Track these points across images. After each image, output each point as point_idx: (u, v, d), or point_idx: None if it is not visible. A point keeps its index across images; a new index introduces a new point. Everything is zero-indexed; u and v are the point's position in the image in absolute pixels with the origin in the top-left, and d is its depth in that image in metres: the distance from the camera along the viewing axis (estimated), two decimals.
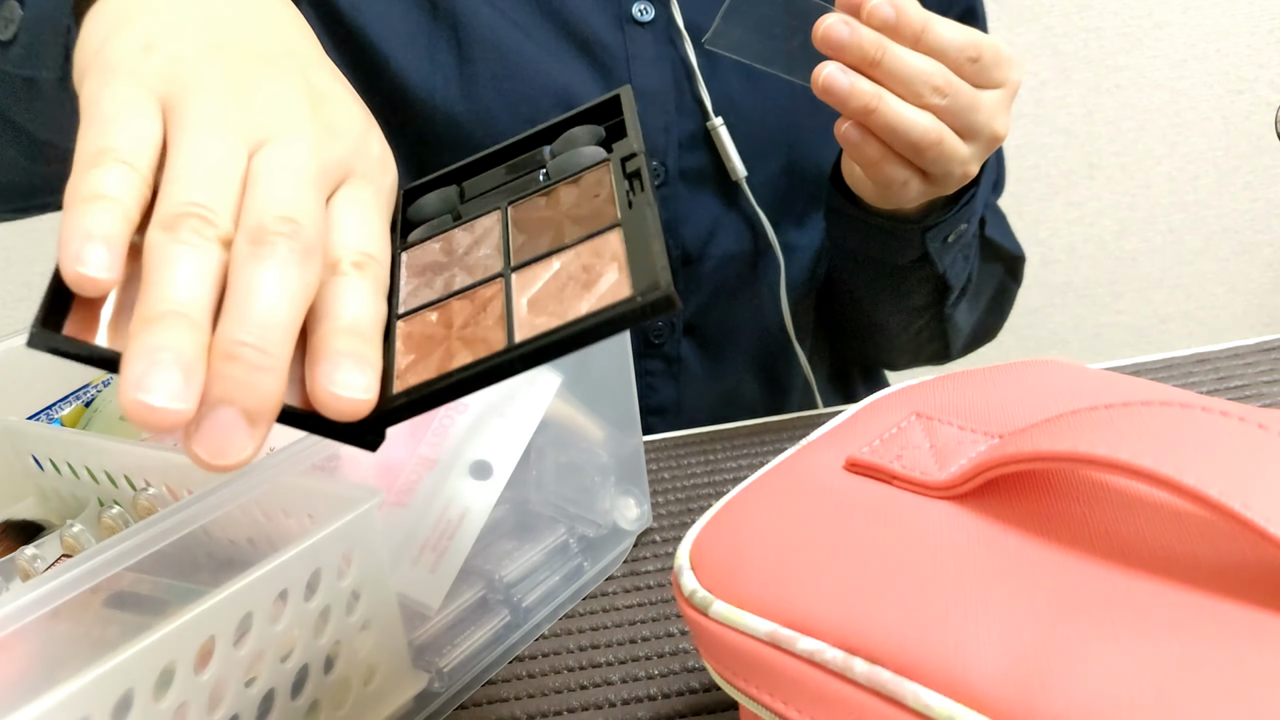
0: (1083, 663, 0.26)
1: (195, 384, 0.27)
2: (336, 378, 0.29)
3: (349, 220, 0.33)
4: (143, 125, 0.31)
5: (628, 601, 0.52)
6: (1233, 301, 1.61)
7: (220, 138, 0.31)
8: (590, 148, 0.38)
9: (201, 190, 0.29)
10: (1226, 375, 0.66)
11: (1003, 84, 0.57)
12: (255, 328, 0.28)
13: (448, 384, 0.32)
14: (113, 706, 0.33)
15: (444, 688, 0.46)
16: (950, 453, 0.35)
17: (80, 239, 0.28)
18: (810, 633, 0.30)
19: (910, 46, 0.54)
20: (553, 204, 0.37)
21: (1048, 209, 1.53)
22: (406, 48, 0.69)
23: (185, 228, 0.28)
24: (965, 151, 0.57)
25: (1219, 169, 1.53)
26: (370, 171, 0.35)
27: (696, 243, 0.74)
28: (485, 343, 0.33)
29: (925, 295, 0.74)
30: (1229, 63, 1.47)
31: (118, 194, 0.29)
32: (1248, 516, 0.26)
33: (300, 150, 0.32)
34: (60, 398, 0.58)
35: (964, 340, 0.83)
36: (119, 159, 0.29)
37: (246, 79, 0.33)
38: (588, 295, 0.32)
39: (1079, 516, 0.31)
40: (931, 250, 0.68)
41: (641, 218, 0.34)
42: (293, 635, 0.39)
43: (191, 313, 0.28)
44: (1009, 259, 0.80)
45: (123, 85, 0.31)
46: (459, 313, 0.34)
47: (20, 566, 0.43)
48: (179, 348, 0.27)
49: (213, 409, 0.27)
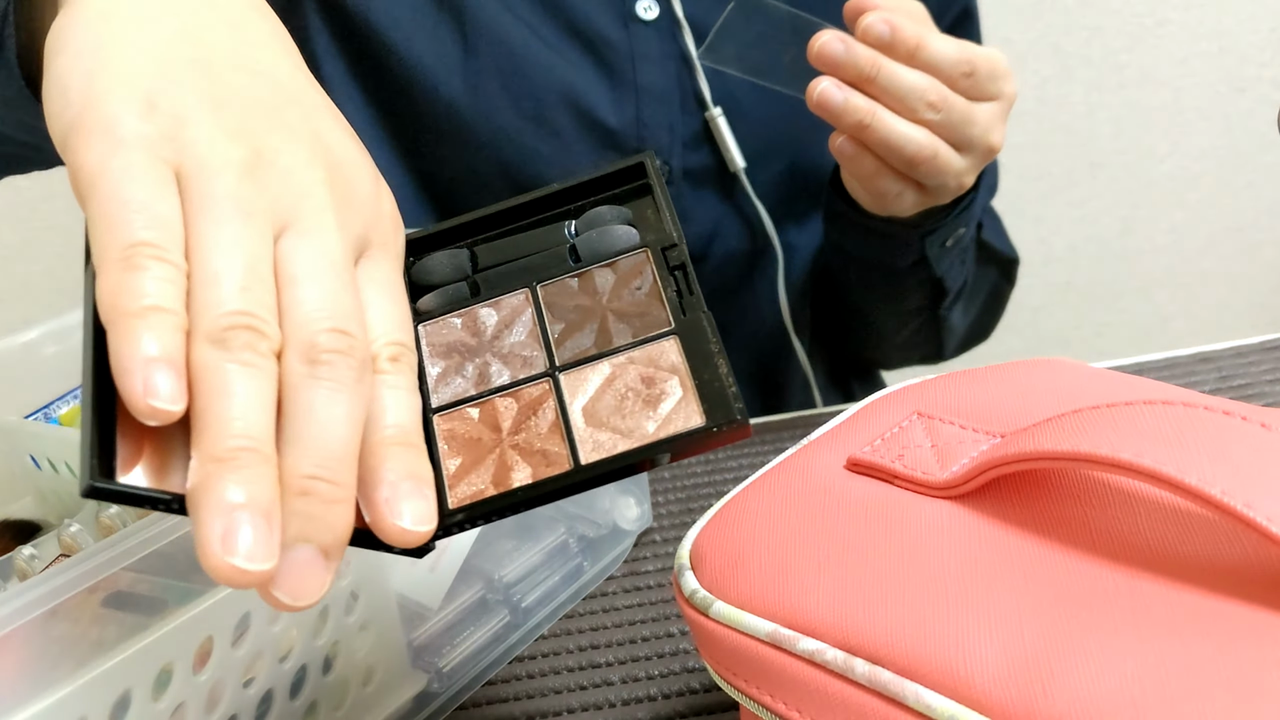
0: (1084, 662, 0.26)
1: (277, 531, 0.26)
2: (401, 509, 0.28)
3: (376, 303, 0.31)
4: (166, 208, 0.28)
5: (628, 602, 0.52)
6: (1235, 300, 1.60)
7: (247, 224, 0.29)
8: (622, 228, 0.37)
9: (244, 295, 0.27)
10: (1229, 374, 0.66)
11: (998, 96, 0.58)
12: (324, 459, 0.27)
13: (511, 503, 0.31)
14: (110, 707, 0.33)
15: (443, 688, 0.46)
16: (952, 452, 0.35)
17: (144, 365, 0.26)
18: (811, 633, 0.30)
19: (905, 63, 0.55)
20: (588, 290, 0.36)
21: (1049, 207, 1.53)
22: (411, 38, 0.68)
23: (238, 343, 0.27)
24: (960, 164, 0.58)
25: (1221, 167, 1.52)
26: (386, 238, 0.33)
27: (699, 242, 0.74)
28: (544, 457, 0.32)
29: (921, 298, 0.74)
30: (1231, 61, 1.46)
31: (167, 302, 0.27)
32: (1250, 516, 0.26)
33: (328, 236, 0.30)
34: (58, 396, 0.58)
35: (957, 341, 0.84)
36: (156, 256, 0.27)
37: (260, 145, 0.31)
38: (652, 414, 0.32)
39: (1081, 516, 0.31)
40: (929, 255, 0.68)
41: (698, 328, 0.33)
42: (291, 635, 0.39)
43: (262, 446, 0.26)
44: (1003, 262, 0.81)
45: (134, 158, 0.29)
46: (505, 414, 0.33)
47: (18, 566, 0.43)
48: (258, 496, 0.26)
49: (290, 549, 0.26)
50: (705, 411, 0.31)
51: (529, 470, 0.32)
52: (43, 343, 0.57)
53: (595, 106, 0.69)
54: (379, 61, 0.69)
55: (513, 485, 0.31)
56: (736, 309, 0.77)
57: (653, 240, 0.36)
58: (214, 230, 0.28)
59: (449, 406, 0.34)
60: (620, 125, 0.69)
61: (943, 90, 0.55)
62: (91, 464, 0.26)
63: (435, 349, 0.35)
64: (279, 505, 0.26)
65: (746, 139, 0.71)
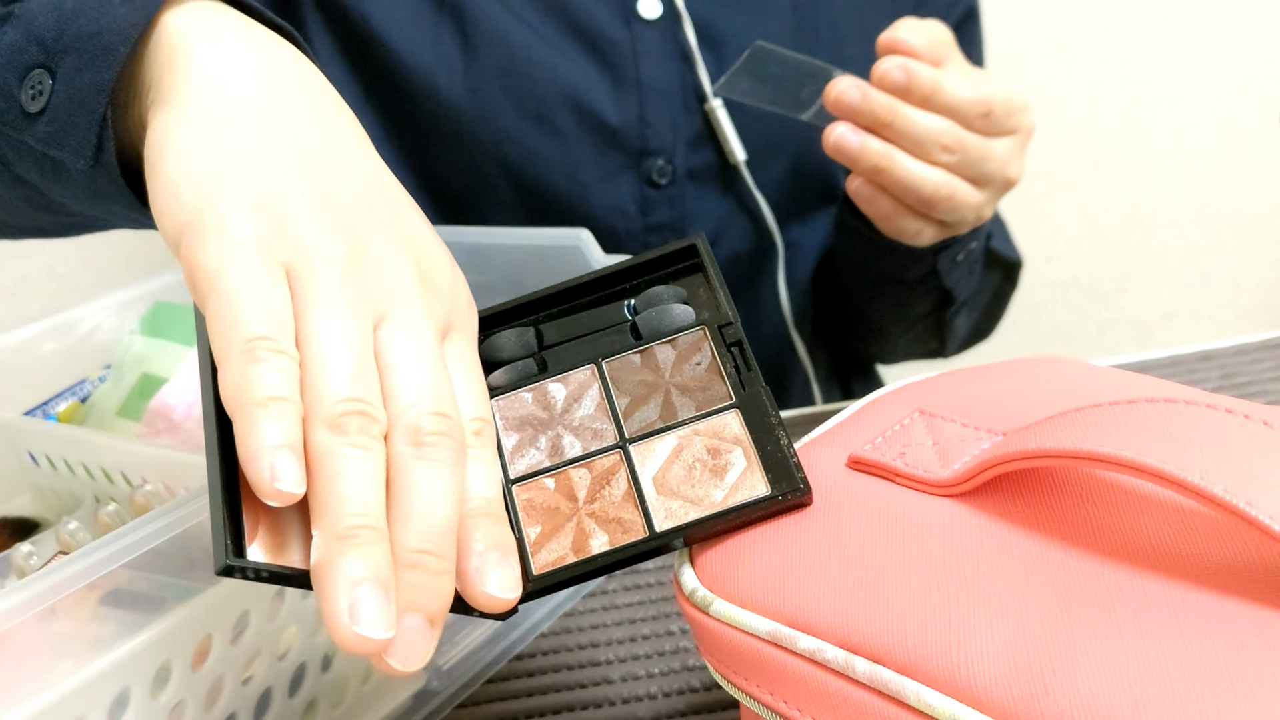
0: (1086, 661, 0.26)
1: (393, 602, 0.28)
2: (489, 577, 0.31)
3: (460, 382, 0.33)
4: (279, 304, 0.31)
5: (628, 600, 0.52)
6: (1238, 298, 1.60)
7: (352, 316, 0.31)
8: (680, 307, 0.39)
9: (355, 383, 0.30)
10: (1232, 372, 0.66)
11: (1015, 131, 0.59)
12: (431, 534, 0.29)
13: (591, 569, 0.34)
14: (109, 704, 0.33)
15: (443, 686, 0.46)
16: (953, 450, 0.35)
17: (270, 452, 0.28)
18: (811, 631, 0.30)
19: (921, 107, 0.55)
20: (650, 365, 0.38)
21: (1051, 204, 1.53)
22: (410, 40, 0.68)
23: (353, 428, 0.29)
24: (978, 199, 0.59)
25: (1225, 164, 1.52)
26: (464, 320, 0.36)
27: None
28: (620, 524, 0.35)
29: (928, 304, 0.74)
30: (1235, 57, 1.46)
31: (287, 392, 0.29)
32: (1252, 514, 0.26)
33: (421, 325, 0.32)
34: (56, 394, 0.58)
35: (960, 341, 0.84)
36: (274, 349, 0.30)
37: (358, 242, 0.33)
38: (719, 483, 0.35)
39: (1083, 514, 0.31)
40: (940, 269, 0.69)
41: (758, 401, 0.36)
42: (290, 633, 0.39)
43: (378, 523, 0.28)
44: (1007, 265, 0.82)
45: (249, 258, 0.31)
46: (580, 484, 0.36)
47: (16, 564, 0.43)
48: (378, 570, 0.28)
49: (402, 618, 0.28)
50: (770, 481, 0.34)
51: (606, 537, 0.34)
52: (41, 340, 0.57)
53: (598, 106, 0.69)
54: (380, 64, 0.69)
55: (592, 552, 0.34)
56: (742, 305, 0.77)
57: (708, 318, 0.39)
58: (324, 323, 0.31)
59: (526, 477, 0.37)
60: (623, 124, 0.69)
61: (958, 132, 0.56)
62: (225, 544, 0.29)
63: (509, 422, 0.38)
64: (393, 578, 0.28)
65: (749, 136, 0.71)
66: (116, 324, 0.60)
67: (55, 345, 0.58)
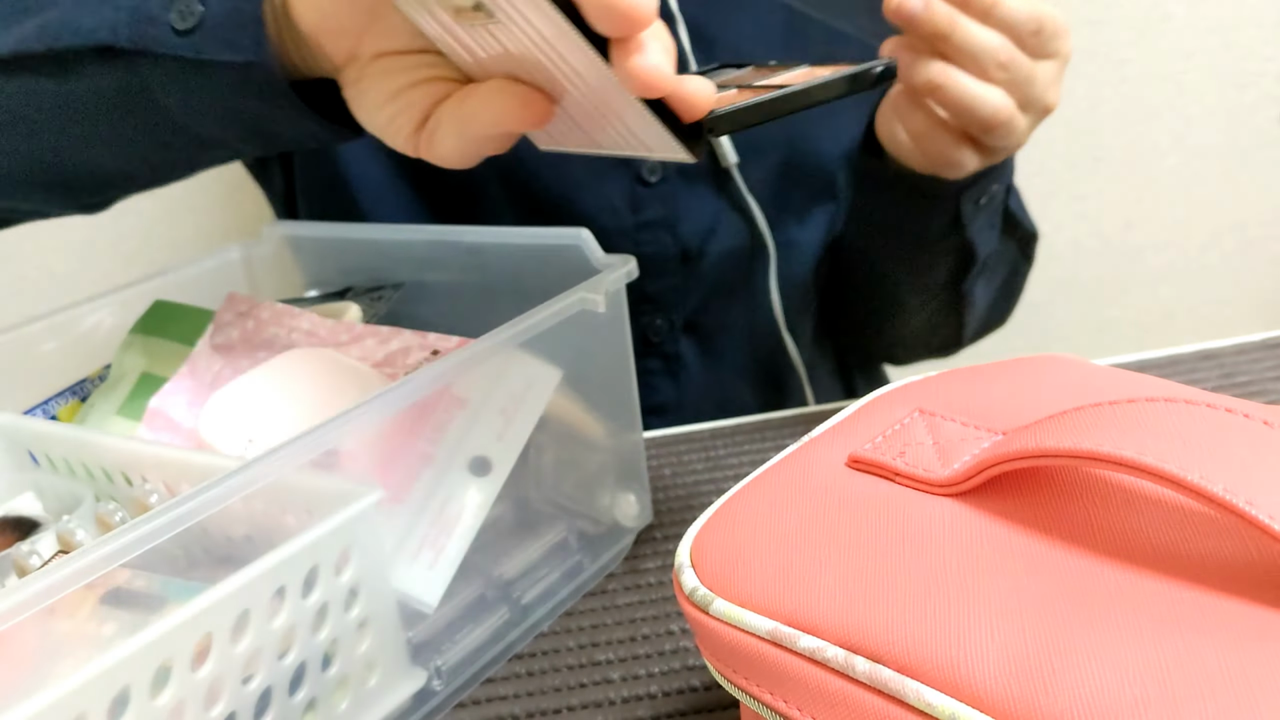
0: (1085, 660, 0.26)
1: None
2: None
3: None
4: None
5: (628, 599, 0.52)
6: (1238, 297, 1.60)
7: None
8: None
9: None
10: (1232, 371, 0.66)
11: (1056, 55, 0.57)
12: None
13: (755, 102, 0.40)
14: (109, 704, 0.33)
15: (443, 685, 0.46)
16: (953, 449, 0.35)
17: None
18: (811, 631, 0.30)
19: (980, 20, 0.54)
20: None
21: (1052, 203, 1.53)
22: None
23: None
24: (1024, 124, 0.57)
25: (1225, 163, 1.52)
26: None
27: (695, 240, 0.73)
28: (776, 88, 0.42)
29: (948, 269, 0.73)
30: (1235, 56, 1.46)
31: None
32: (1252, 514, 0.26)
33: None
34: (56, 393, 0.58)
35: (978, 322, 0.82)
36: None
37: None
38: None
39: (1082, 513, 0.31)
40: (964, 213, 0.67)
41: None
42: (290, 632, 0.39)
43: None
44: (1024, 235, 0.80)
45: None
46: (752, 78, 0.46)
47: (16, 563, 0.43)
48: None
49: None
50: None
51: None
52: (41, 338, 0.57)
53: None
54: None
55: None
56: (735, 306, 0.77)
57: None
58: None
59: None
60: None
61: (1012, 49, 0.54)
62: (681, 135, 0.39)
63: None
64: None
65: (740, 136, 0.71)
66: (116, 323, 0.60)
67: (55, 344, 0.58)
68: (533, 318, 0.47)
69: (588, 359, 0.52)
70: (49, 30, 0.49)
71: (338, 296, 0.63)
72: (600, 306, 0.49)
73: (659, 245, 0.73)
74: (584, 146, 0.46)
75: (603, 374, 0.54)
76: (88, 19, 0.48)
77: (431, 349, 0.53)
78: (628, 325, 0.54)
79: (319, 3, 0.44)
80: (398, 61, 0.44)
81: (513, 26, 0.39)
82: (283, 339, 0.56)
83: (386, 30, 0.44)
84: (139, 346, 0.57)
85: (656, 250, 0.73)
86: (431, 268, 0.63)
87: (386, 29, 0.44)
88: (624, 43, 0.36)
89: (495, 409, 0.49)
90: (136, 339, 0.58)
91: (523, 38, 0.39)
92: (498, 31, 0.40)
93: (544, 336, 0.48)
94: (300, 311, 0.57)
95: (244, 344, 0.55)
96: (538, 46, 0.39)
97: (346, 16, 0.44)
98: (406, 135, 0.45)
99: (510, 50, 0.40)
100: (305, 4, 0.44)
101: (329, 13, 0.44)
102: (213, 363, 0.55)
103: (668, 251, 0.73)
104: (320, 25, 0.44)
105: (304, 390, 0.51)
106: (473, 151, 0.45)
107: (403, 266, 0.64)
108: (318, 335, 0.56)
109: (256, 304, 0.57)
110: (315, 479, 0.41)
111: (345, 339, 0.55)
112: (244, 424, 0.49)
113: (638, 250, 0.72)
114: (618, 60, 0.37)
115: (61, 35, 0.49)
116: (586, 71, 0.39)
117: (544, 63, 0.40)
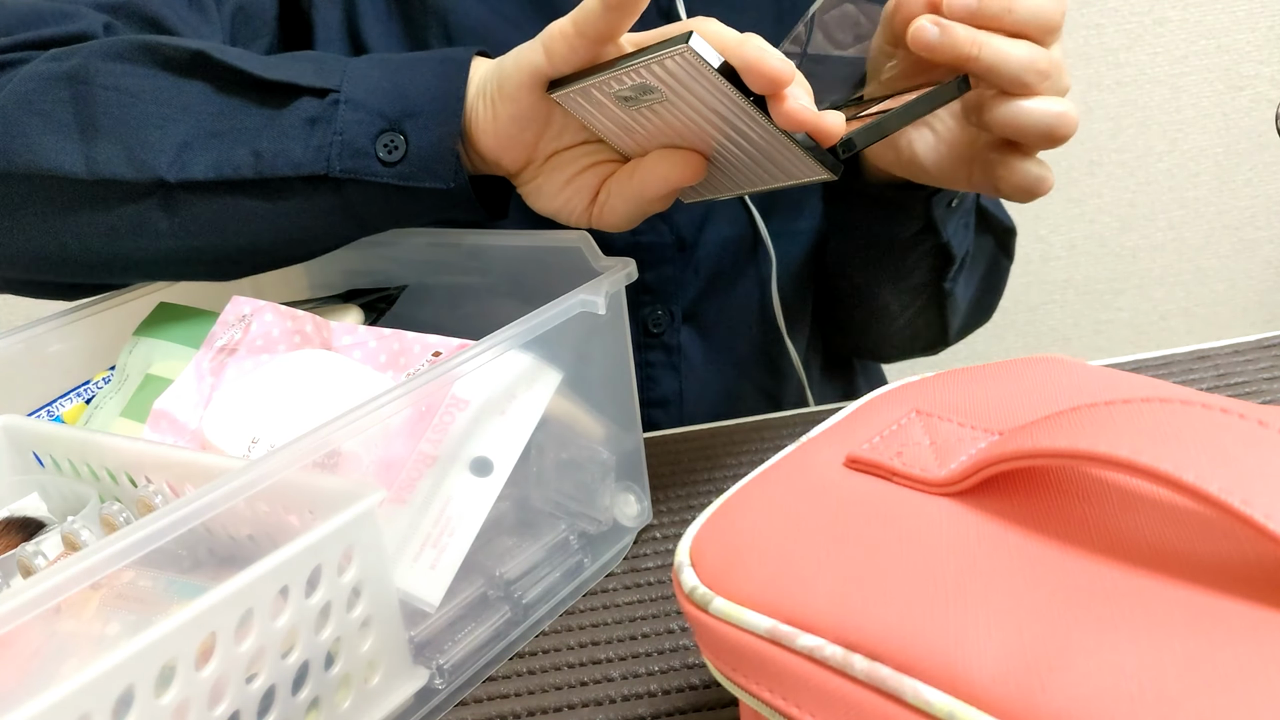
0: (1082, 659, 0.26)
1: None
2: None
3: None
4: None
5: (628, 598, 0.52)
6: (1233, 298, 1.61)
7: None
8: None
9: None
10: (1227, 372, 0.66)
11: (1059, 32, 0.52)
12: None
13: (874, 124, 0.46)
14: (114, 703, 0.33)
15: (444, 684, 0.46)
16: (950, 449, 0.35)
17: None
18: (810, 629, 0.30)
19: (996, 29, 0.49)
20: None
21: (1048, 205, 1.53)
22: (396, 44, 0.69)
23: None
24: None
25: (1219, 166, 1.53)
26: None
27: (691, 228, 0.74)
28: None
29: (926, 271, 0.73)
30: (1229, 59, 1.47)
31: None
32: (1247, 513, 0.26)
33: None
34: (61, 394, 0.58)
35: (961, 320, 0.82)
36: None
37: None
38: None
39: (1079, 513, 0.31)
40: (935, 216, 0.66)
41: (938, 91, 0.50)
42: (294, 632, 0.39)
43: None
44: (1001, 231, 0.80)
45: None
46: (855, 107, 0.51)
47: (21, 563, 0.43)
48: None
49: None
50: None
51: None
52: (46, 341, 0.57)
53: None
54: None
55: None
56: (734, 296, 0.77)
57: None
58: None
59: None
60: None
61: (1044, 55, 0.49)
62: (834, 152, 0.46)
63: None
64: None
65: None
66: (121, 325, 0.60)
67: (60, 346, 0.58)
68: (533, 320, 0.47)
69: (588, 360, 0.53)
70: (264, 160, 0.53)
71: (341, 299, 0.64)
72: (600, 308, 0.49)
73: (655, 234, 0.73)
74: (726, 191, 0.52)
75: (603, 375, 0.54)
76: (297, 150, 0.53)
77: (433, 351, 0.53)
78: (627, 327, 0.54)
79: (497, 131, 0.51)
80: (566, 155, 0.53)
81: (678, 100, 0.46)
82: (286, 341, 0.56)
83: (555, 134, 0.52)
84: (143, 348, 0.58)
85: (653, 239, 0.73)
86: (433, 270, 0.63)
87: (556, 132, 0.52)
88: (777, 95, 0.43)
89: (496, 410, 0.49)
90: (141, 341, 0.58)
91: (685, 107, 0.46)
92: (660, 108, 0.47)
93: (545, 338, 0.48)
94: (303, 314, 0.57)
95: (247, 346, 0.56)
96: (697, 112, 0.46)
97: (520, 134, 0.51)
98: (580, 212, 0.53)
99: (667, 122, 0.48)
100: (486, 135, 0.51)
101: (507, 136, 0.51)
102: (217, 365, 0.55)
103: (664, 240, 0.74)
104: (499, 146, 0.52)
105: (307, 392, 0.51)
106: (640, 214, 0.52)
107: (405, 269, 0.64)
108: (321, 337, 0.56)
109: (260, 306, 0.57)
110: (318, 480, 0.41)
111: (348, 341, 0.56)
112: (248, 425, 0.49)
113: (634, 239, 0.72)
114: (774, 109, 0.43)
115: (276, 166, 0.53)
116: (741, 123, 0.45)
117: (699, 126, 0.47)
